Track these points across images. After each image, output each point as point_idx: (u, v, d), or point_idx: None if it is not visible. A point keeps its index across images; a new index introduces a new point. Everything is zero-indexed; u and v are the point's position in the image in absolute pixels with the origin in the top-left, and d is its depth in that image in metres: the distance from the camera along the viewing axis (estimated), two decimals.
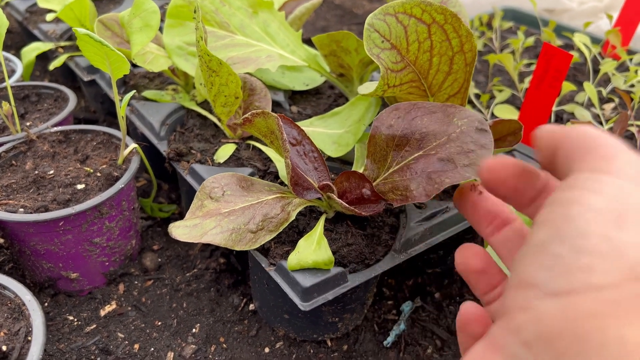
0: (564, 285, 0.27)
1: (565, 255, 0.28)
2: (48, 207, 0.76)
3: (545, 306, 0.28)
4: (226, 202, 0.69)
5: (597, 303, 0.26)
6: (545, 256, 0.29)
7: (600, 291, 0.26)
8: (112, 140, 0.90)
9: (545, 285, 0.28)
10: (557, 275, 0.28)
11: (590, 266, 0.27)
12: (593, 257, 0.27)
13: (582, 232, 0.28)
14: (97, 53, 0.69)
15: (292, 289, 0.64)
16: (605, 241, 0.27)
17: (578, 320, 0.26)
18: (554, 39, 1.26)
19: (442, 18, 0.68)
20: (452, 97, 0.75)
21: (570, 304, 0.27)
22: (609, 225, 0.28)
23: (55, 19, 1.28)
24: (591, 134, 0.31)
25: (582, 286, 0.27)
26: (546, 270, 0.28)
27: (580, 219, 0.28)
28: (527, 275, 0.29)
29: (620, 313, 0.26)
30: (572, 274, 0.27)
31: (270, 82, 1.00)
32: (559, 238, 0.29)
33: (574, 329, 0.26)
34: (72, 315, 0.82)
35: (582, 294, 0.27)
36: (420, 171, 0.63)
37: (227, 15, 0.93)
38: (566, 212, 0.29)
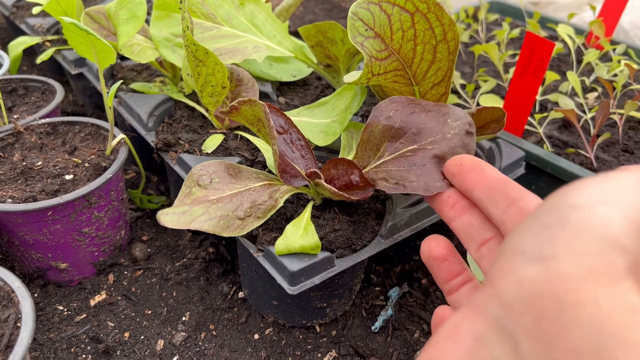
0: (548, 252, 0.29)
1: (553, 224, 0.30)
2: (36, 198, 0.76)
3: (527, 270, 0.29)
4: (214, 189, 0.70)
5: (576, 268, 0.28)
6: (535, 226, 0.31)
7: (580, 258, 0.28)
8: (100, 131, 0.91)
9: (531, 251, 0.30)
10: (542, 242, 0.30)
11: (574, 235, 0.29)
12: (578, 228, 0.29)
13: (572, 205, 0.30)
14: (83, 42, 0.69)
15: (279, 274, 0.65)
16: (592, 215, 0.29)
17: (557, 283, 0.28)
18: (539, 30, 1.28)
19: (425, 7, 0.69)
20: (437, 86, 0.76)
21: (551, 268, 0.28)
22: (598, 202, 0.30)
23: (42, 14, 1.28)
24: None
25: (564, 253, 0.28)
26: (533, 238, 0.30)
27: (570, 195, 0.31)
28: (515, 244, 0.31)
29: (597, 278, 0.27)
30: (556, 242, 0.29)
31: (258, 74, 1.00)
32: (550, 210, 0.31)
33: (552, 290, 0.28)
34: (62, 305, 0.83)
35: (564, 260, 0.28)
36: (419, 164, 0.65)
37: (214, 6, 0.94)
38: (560, 192, 0.32)
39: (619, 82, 1.06)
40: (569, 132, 1.04)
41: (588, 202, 0.30)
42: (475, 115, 0.77)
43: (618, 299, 0.27)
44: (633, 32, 1.44)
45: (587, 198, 0.31)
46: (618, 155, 0.98)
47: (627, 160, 0.97)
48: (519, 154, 0.87)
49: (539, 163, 0.94)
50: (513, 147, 0.88)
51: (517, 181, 0.44)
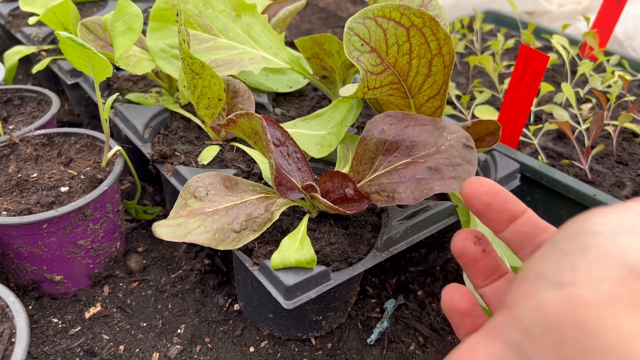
0: (568, 278, 0.29)
1: (573, 251, 0.30)
2: (31, 210, 0.76)
3: (547, 295, 0.29)
4: (210, 201, 0.70)
5: (597, 295, 0.28)
6: (555, 252, 0.31)
7: (601, 284, 0.28)
8: (96, 142, 0.90)
9: (551, 276, 0.30)
10: (562, 268, 0.30)
11: (595, 262, 0.29)
12: (598, 255, 0.29)
13: (591, 232, 0.31)
14: (79, 56, 0.69)
15: (275, 288, 0.65)
16: (612, 243, 0.30)
17: (578, 309, 0.28)
18: (533, 41, 1.29)
19: (420, 21, 0.70)
20: (432, 99, 0.76)
21: (572, 294, 0.28)
22: (618, 231, 0.30)
23: (39, 23, 1.28)
24: None
25: (584, 279, 0.29)
26: (553, 264, 0.31)
27: (590, 223, 0.31)
28: (534, 270, 0.31)
29: (619, 305, 0.28)
30: (576, 268, 0.29)
31: (254, 85, 1.01)
32: (569, 237, 0.31)
33: (573, 316, 0.28)
34: (57, 317, 0.82)
35: (584, 286, 0.28)
36: (409, 176, 0.66)
37: (210, 18, 0.94)
38: (579, 219, 0.32)
39: (613, 94, 1.07)
40: (563, 144, 1.05)
41: (608, 230, 0.31)
42: (471, 128, 0.78)
43: (637, 328, 0.27)
44: (627, 43, 1.45)
45: (607, 227, 0.31)
46: (612, 167, 0.98)
47: (622, 171, 0.97)
48: (514, 166, 0.87)
49: (534, 175, 0.94)
50: (508, 159, 0.88)
51: (512, 193, 0.42)
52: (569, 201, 0.93)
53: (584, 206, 0.91)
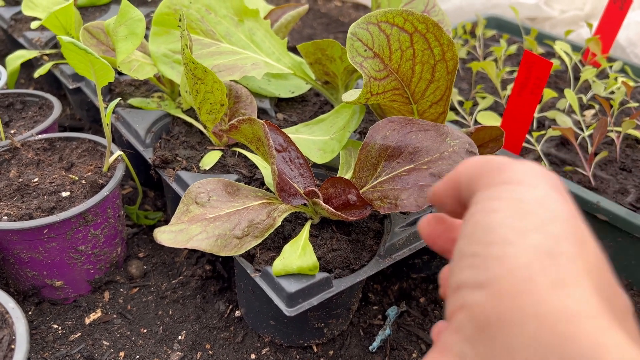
0: (484, 276, 0.31)
1: (480, 251, 0.32)
2: (32, 215, 0.75)
3: (474, 298, 0.31)
4: (212, 207, 0.69)
5: (513, 284, 0.29)
6: (465, 258, 0.33)
7: (514, 272, 0.30)
8: (98, 147, 0.90)
9: (470, 280, 0.31)
10: (477, 269, 0.31)
11: (501, 254, 0.31)
12: (503, 246, 0.31)
13: (489, 228, 0.32)
14: (81, 61, 0.69)
15: (277, 295, 0.64)
16: (510, 230, 0.31)
17: (500, 304, 0.29)
18: (536, 47, 1.28)
19: (424, 27, 0.69)
20: (435, 105, 0.76)
21: (493, 291, 0.30)
22: (511, 218, 0.32)
23: (41, 27, 1.28)
24: (481, 160, 0.36)
25: (499, 272, 0.30)
26: (468, 269, 0.32)
27: (485, 220, 0.33)
28: (455, 280, 0.33)
29: (534, 288, 0.29)
30: (488, 264, 0.31)
31: (256, 90, 1.00)
32: (472, 240, 0.33)
33: (497, 312, 0.29)
34: (57, 323, 0.82)
35: (500, 279, 0.30)
36: (412, 183, 0.66)
37: (213, 23, 0.94)
38: (474, 219, 0.33)
39: (616, 100, 1.07)
40: (566, 150, 1.04)
41: (504, 219, 0.32)
42: (474, 134, 0.77)
43: (556, 308, 0.28)
44: (629, 49, 1.45)
45: (500, 215, 0.32)
46: (616, 174, 0.98)
47: (625, 178, 0.97)
48: None
49: None
50: None
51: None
52: None
53: (587, 213, 0.90)
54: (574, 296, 0.29)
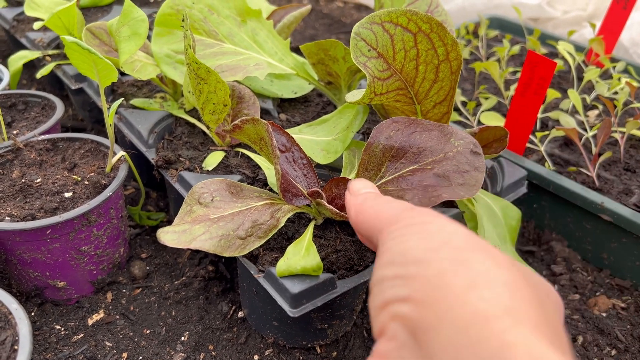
0: (406, 291, 0.36)
1: (399, 272, 0.38)
2: (35, 216, 0.75)
3: (402, 310, 0.35)
4: (215, 207, 0.69)
5: (430, 293, 0.34)
6: (387, 281, 0.38)
7: (430, 282, 0.35)
8: (100, 148, 0.90)
9: (395, 297, 0.36)
10: (399, 287, 0.37)
11: (417, 270, 0.36)
12: (417, 264, 0.37)
13: (404, 253, 0.39)
14: (84, 61, 0.69)
15: (280, 296, 0.64)
16: (422, 251, 0.38)
17: (423, 313, 0.34)
18: (539, 47, 1.28)
19: (427, 27, 0.69)
20: (439, 105, 0.76)
21: (415, 302, 0.35)
22: (420, 242, 0.39)
23: (43, 28, 1.28)
24: (376, 214, 0.47)
25: (417, 286, 0.35)
26: (391, 289, 0.37)
27: (399, 247, 0.40)
28: (380, 300, 0.38)
29: (448, 294, 0.33)
30: (408, 282, 0.36)
31: (259, 90, 1.00)
32: (391, 265, 0.39)
33: (421, 321, 0.34)
34: (59, 324, 0.81)
35: (419, 291, 0.35)
36: (416, 183, 0.65)
37: (216, 23, 0.94)
38: (390, 250, 0.40)
39: (620, 100, 1.06)
40: (570, 150, 1.04)
41: (414, 245, 0.39)
42: (478, 134, 0.77)
43: (468, 311, 0.32)
44: (633, 50, 1.45)
45: (410, 242, 0.39)
46: (620, 174, 0.98)
47: (629, 179, 0.96)
48: (522, 173, 0.86)
49: (541, 182, 0.94)
50: (515, 166, 0.87)
51: (519, 200, 0.46)
52: (576, 208, 0.93)
53: (591, 213, 0.90)
54: (484, 297, 0.32)
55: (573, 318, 0.85)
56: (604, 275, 0.93)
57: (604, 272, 0.94)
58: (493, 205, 0.80)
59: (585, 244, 0.95)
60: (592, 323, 0.84)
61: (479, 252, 0.36)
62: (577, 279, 0.92)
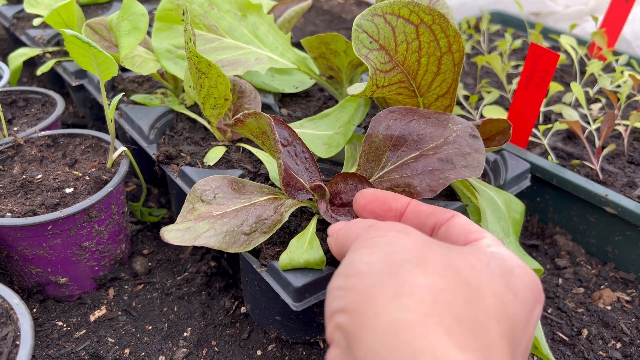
0: (344, 302, 0.39)
1: (342, 283, 0.41)
2: (36, 212, 0.75)
3: (340, 320, 0.38)
4: (218, 204, 0.69)
5: (361, 305, 0.37)
6: (334, 291, 0.42)
7: (361, 294, 0.38)
8: (101, 144, 0.90)
9: (337, 308, 0.40)
10: (340, 299, 0.40)
11: (355, 282, 0.40)
12: (357, 277, 0.40)
13: (350, 265, 0.42)
14: (84, 55, 0.68)
15: (283, 290, 0.64)
16: (363, 264, 0.41)
17: (354, 323, 0.37)
18: (541, 41, 1.28)
19: (429, 18, 0.68)
20: (441, 98, 0.75)
21: (350, 313, 0.38)
22: (365, 256, 0.42)
23: (43, 25, 1.28)
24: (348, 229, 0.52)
25: (353, 298, 0.38)
26: (335, 299, 0.41)
27: (348, 259, 0.43)
28: (329, 309, 0.41)
29: (374, 305, 0.36)
30: (347, 293, 0.39)
31: (260, 85, 1.00)
32: (338, 276, 0.43)
33: (353, 331, 0.37)
34: (62, 320, 0.81)
35: (353, 303, 0.38)
36: (421, 169, 0.65)
37: (216, 18, 0.93)
38: (343, 261, 0.44)
39: (623, 93, 1.06)
40: (573, 144, 1.03)
41: (360, 257, 0.42)
42: (481, 127, 0.76)
43: (388, 320, 0.34)
44: (635, 43, 1.44)
45: (357, 254, 0.43)
46: (624, 167, 0.97)
47: (633, 171, 0.96)
48: (525, 166, 0.86)
49: (544, 175, 0.93)
50: (518, 159, 0.87)
51: (522, 194, 0.46)
52: (580, 201, 0.92)
53: (595, 206, 0.90)
54: (404, 306, 0.35)
55: (578, 311, 0.85)
56: (608, 269, 0.93)
57: (608, 265, 0.93)
58: (496, 199, 0.80)
59: (590, 237, 0.95)
60: (596, 316, 0.84)
61: (412, 263, 0.39)
62: (581, 273, 0.91)
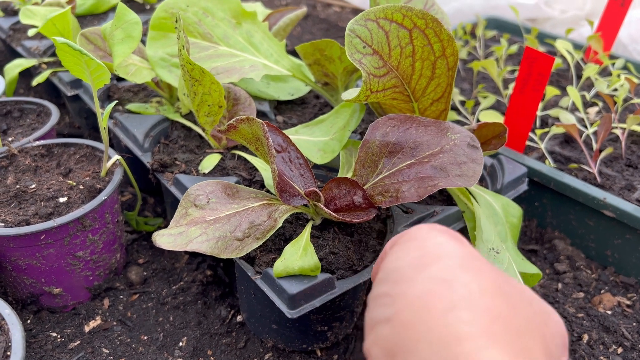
0: (391, 311, 0.37)
1: (389, 290, 0.39)
2: (29, 221, 0.74)
3: (383, 332, 0.37)
4: (211, 209, 0.68)
5: (411, 314, 0.36)
6: (378, 298, 0.40)
7: (413, 303, 0.36)
8: (96, 153, 0.89)
9: (381, 316, 0.38)
10: (386, 307, 0.38)
11: (405, 289, 0.38)
12: (406, 283, 0.38)
13: (395, 270, 0.40)
14: (77, 63, 0.68)
15: (278, 297, 0.63)
16: (412, 269, 0.39)
17: (401, 334, 0.35)
18: (537, 45, 1.27)
19: (423, 23, 0.68)
20: (436, 102, 0.75)
21: (396, 323, 0.36)
22: (412, 260, 0.40)
23: (39, 36, 1.28)
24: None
25: (401, 306, 0.37)
26: (379, 307, 0.39)
27: (392, 265, 0.41)
28: (370, 318, 0.40)
29: (427, 316, 0.35)
30: (395, 300, 0.38)
31: (255, 93, 1.00)
32: (383, 282, 0.41)
33: (399, 343, 0.35)
34: (56, 331, 0.80)
35: (402, 312, 0.36)
36: (413, 175, 0.65)
37: (210, 26, 0.93)
38: (383, 267, 0.42)
39: (620, 97, 1.05)
40: (571, 148, 1.03)
41: (406, 262, 0.40)
42: (476, 131, 0.76)
43: (444, 333, 0.33)
44: (632, 46, 1.44)
45: (403, 260, 0.41)
46: (622, 170, 0.96)
47: (631, 174, 0.95)
48: (522, 170, 0.85)
49: (542, 179, 0.92)
50: (515, 164, 0.86)
51: (520, 198, 0.46)
52: (578, 205, 0.91)
53: (594, 210, 0.89)
54: (463, 319, 0.33)
55: (578, 316, 0.84)
56: (608, 273, 0.92)
57: (608, 269, 0.92)
58: (494, 203, 0.79)
59: (589, 242, 0.94)
60: (597, 321, 0.83)
61: (466, 272, 0.37)
62: (581, 277, 0.91)
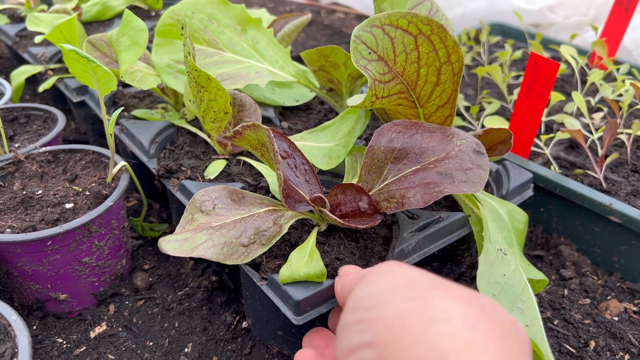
0: (370, 335, 0.38)
1: (363, 316, 0.40)
2: (36, 227, 0.74)
3: (365, 356, 0.37)
4: (217, 215, 0.68)
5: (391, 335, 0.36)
6: (352, 326, 0.41)
7: (392, 324, 0.37)
8: (102, 159, 0.90)
9: (360, 342, 0.38)
10: (363, 332, 0.39)
11: (380, 313, 0.39)
12: (380, 307, 0.39)
13: (367, 297, 0.42)
14: (83, 70, 0.69)
15: (284, 303, 0.63)
16: (384, 294, 0.40)
17: (385, 356, 0.35)
18: (541, 51, 1.27)
19: (428, 29, 0.69)
20: (441, 108, 0.75)
21: (378, 346, 0.37)
22: (383, 285, 0.41)
23: (46, 43, 1.29)
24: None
25: (380, 329, 0.37)
26: (355, 333, 0.39)
27: (363, 292, 0.43)
28: (346, 346, 0.40)
29: (407, 333, 0.35)
30: (372, 325, 0.38)
31: (260, 99, 1.00)
32: (355, 310, 0.42)
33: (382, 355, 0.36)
34: (61, 337, 0.80)
35: (381, 334, 0.37)
36: (418, 181, 0.65)
37: (216, 33, 0.94)
38: (354, 296, 0.44)
39: (625, 102, 1.05)
40: (576, 153, 1.03)
41: (377, 288, 0.42)
42: (482, 137, 0.76)
43: (427, 348, 0.34)
44: (636, 52, 1.44)
45: (373, 286, 0.42)
46: (627, 176, 0.96)
47: (637, 180, 0.95)
48: (527, 176, 0.85)
49: (547, 185, 0.92)
50: (521, 169, 0.86)
51: (526, 204, 0.48)
52: (584, 211, 0.91)
53: (599, 216, 0.89)
54: (443, 332, 0.34)
55: (584, 323, 0.83)
56: (614, 279, 0.91)
57: (615, 275, 0.92)
58: (499, 209, 0.79)
59: (595, 247, 0.93)
60: (604, 327, 0.82)
61: (438, 289, 0.38)
62: (587, 283, 0.90)
